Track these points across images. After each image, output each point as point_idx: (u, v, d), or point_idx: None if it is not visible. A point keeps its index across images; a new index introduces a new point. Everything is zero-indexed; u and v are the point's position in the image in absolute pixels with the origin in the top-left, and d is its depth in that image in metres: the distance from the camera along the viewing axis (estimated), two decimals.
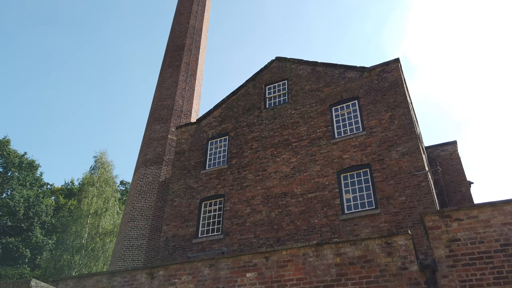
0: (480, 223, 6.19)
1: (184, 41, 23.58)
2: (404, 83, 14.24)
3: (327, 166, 13.55)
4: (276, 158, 14.78)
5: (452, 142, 17.82)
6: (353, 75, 15.08)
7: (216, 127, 17.19)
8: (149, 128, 20.14)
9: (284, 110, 15.86)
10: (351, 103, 14.61)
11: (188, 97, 21.50)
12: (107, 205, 30.56)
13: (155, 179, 17.98)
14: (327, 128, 14.40)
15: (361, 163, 13.01)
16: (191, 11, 25.26)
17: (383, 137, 13.13)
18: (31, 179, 35.24)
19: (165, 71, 22.38)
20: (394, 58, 14.50)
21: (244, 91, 17.59)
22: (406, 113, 13.22)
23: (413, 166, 12.11)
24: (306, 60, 16.64)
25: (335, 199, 12.75)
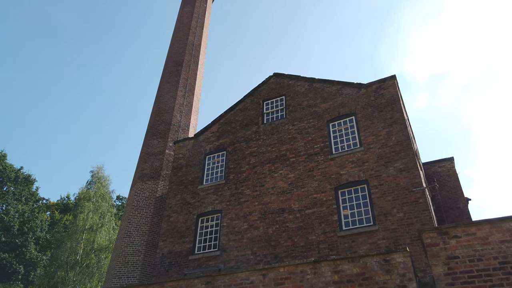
0: (478, 240, 6.16)
1: (183, 57, 23.80)
2: (400, 99, 14.36)
3: (324, 182, 13.53)
4: (274, 174, 14.76)
5: (449, 159, 17.88)
6: (350, 92, 15.20)
7: (214, 142, 17.21)
8: (147, 143, 20.13)
9: (282, 125, 15.92)
10: (348, 119, 14.69)
11: (186, 112, 21.57)
12: (103, 221, 30.24)
13: (152, 194, 17.87)
14: (325, 143, 14.43)
15: (359, 179, 13.00)
16: (190, 27, 25.58)
17: (380, 153, 13.16)
18: (27, 194, 34.95)
19: (164, 86, 22.51)
20: (391, 75, 14.65)
21: (242, 107, 17.68)
22: (403, 129, 13.29)
23: (410, 183, 12.10)
24: (303, 76, 16.80)
25: (332, 215, 12.69)
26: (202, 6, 27.58)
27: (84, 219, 29.27)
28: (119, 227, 18.58)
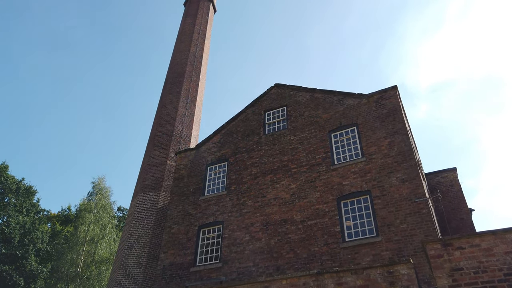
0: (483, 251, 6.09)
1: (184, 68, 23.94)
2: (402, 109, 14.36)
3: (327, 192, 13.46)
4: (276, 184, 14.70)
5: (452, 169, 17.79)
6: (352, 102, 15.22)
7: (216, 153, 17.19)
8: (148, 153, 20.13)
9: (284, 136, 15.91)
10: (350, 129, 14.67)
11: (188, 123, 21.61)
12: (103, 232, 30.10)
13: (153, 206, 17.79)
14: (327, 154, 14.40)
15: (361, 189, 12.93)
16: (191, 39, 25.78)
17: (382, 163, 13.11)
18: (28, 205, 34.86)
19: (166, 97, 22.60)
20: (392, 86, 14.68)
21: (244, 117, 17.70)
22: (405, 139, 13.26)
23: (413, 193, 12.03)
24: (304, 87, 16.85)
25: (335, 226, 12.58)
26: (204, 18, 27.84)
27: (85, 230, 29.15)
28: (120, 238, 18.48)
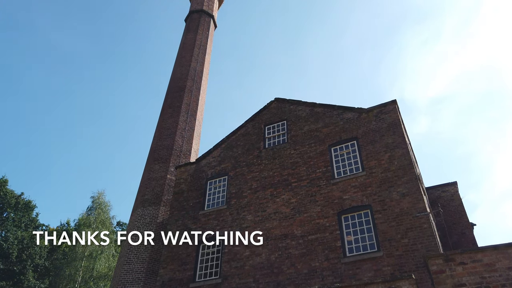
0: (485, 267, 6.03)
1: (185, 82, 24.12)
2: (402, 123, 14.41)
3: (327, 207, 13.40)
4: (276, 199, 14.64)
5: (452, 183, 17.74)
6: (351, 116, 15.28)
7: (216, 167, 17.17)
8: (148, 168, 20.11)
9: (284, 150, 15.92)
10: (350, 143, 14.69)
11: (188, 137, 21.65)
12: (102, 247, 29.83)
13: (152, 220, 17.68)
14: (327, 168, 14.38)
15: (362, 204, 12.87)
16: (192, 54, 26.04)
17: (383, 177, 13.08)
18: (27, 220, 34.64)
19: (166, 111, 22.71)
20: (391, 100, 14.76)
21: (244, 131, 17.75)
22: (405, 153, 13.26)
23: (414, 208, 11.96)
24: (304, 101, 16.94)
25: (336, 241, 12.48)
26: (205, 34, 28.18)
27: (84, 245, 28.88)
28: (119, 254, 18.29)
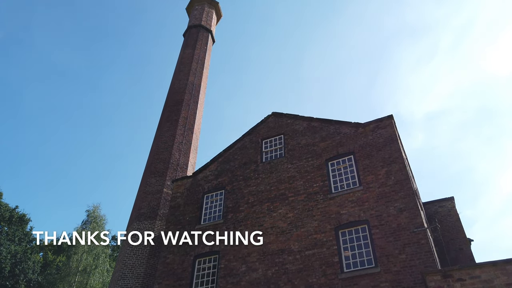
0: (483, 283, 5.99)
1: (183, 96, 24.21)
2: (398, 139, 14.47)
3: (324, 221, 13.32)
4: (273, 213, 14.55)
5: (449, 198, 17.73)
6: (348, 131, 15.33)
7: (212, 181, 17.10)
8: (145, 181, 20.01)
9: (281, 164, 15.90)
10: (347, 158, 14.71)
11: (185, 151, 21.62)
12: (97, 262, 29.44)
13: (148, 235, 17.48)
14: (324, 182, 14.35)
15: (359, 219, 12.81)
16: (190, 69, 26.22)
17: (380, 192, 13.06)
18: (20, 234, 34.20)
19: (163, 125, 22.73)
20: (388, 115, 14.84)
21: (241, 145, 17.75)
22: (402, 168, 13.28)
23: (411, 223, 11.92)
24: (301, 115, 17.01)
25: (333, 257, 12.37)
26: (203, 49, 28.44)
27: (78, 260, 28.50)
28: (114, 269, 18.05)
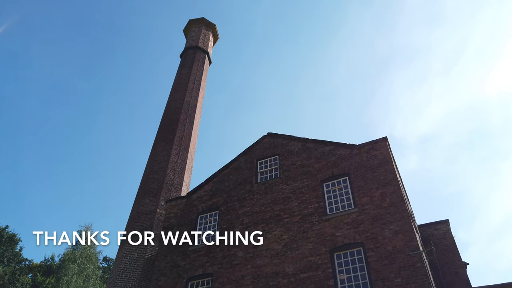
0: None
1: (178, 116, 24.26)
2: (393, 160, 14.52)
3: (319, 244, 13.17)
4: (267, 235, 14.38)
5: (444, 221, 17.65)
6: (343, 152, 15.37)
7: (207, 201, 16.95)
8: (138, 201, 19.79)
9: (276, 185, 15.84)
10: (342, 179, 14.68)
11: (180, 171, 21.50)
12: (87, 284, 28.75)
13: (140, 256, 17.17)
14: (319, 204, 14.28)
15: (354, 241, 12.69)
16: (186, 89, 26.39)
17: (375, 214, 12.99)
18: (10, 254, 33.48)
19: (158, 144, 22.67)
20: (382, 137, 14.94)
21: (236, 165, 17.70)
22: (396, 190, 13.26)
23: (407, 246, 11.82)
24: (297, 136, 17.07)
25: (328, 280, 12.17)
26: (199, 69, 28.73)
27: (68, 282, 27.81)
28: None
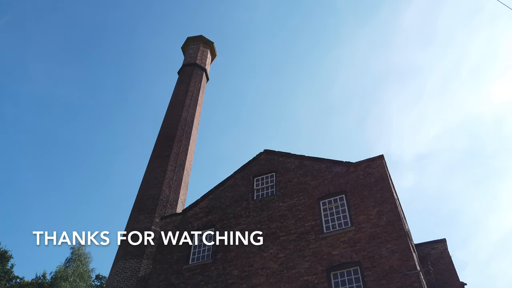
0: None
1: (175, 132, 24.25)
2: (389, 178, 14.49)
3: (316, 262, 13.00)
4: (263, 253, 14.20)
5: (441, 240, 17.52)
6: (340, 170, 15.35)
7: (202, 218, 16.77)
8: (133, 218, 19.55)
9: (272, 202, 15.73)
10: (339, 197, 14.62)
11: (175, 187, 21.34)
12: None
13: (133, 274, 16.85)
14: (316, 222, 14.16)
15: (351, 260, 12.54)
16: (184, 105, 26.46)
17: (372, 233, 12.89)
18: (1, 271, 32.80)
19: (154, 160, 22.56)
20: (379, 155, 14.95)
21: (232, 182, 17.60)
22: (393, 209, 13.20)
23: (404, 265, 11.69)
24: (293, 153, 17.06)
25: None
26: (197, 86, 28.88)
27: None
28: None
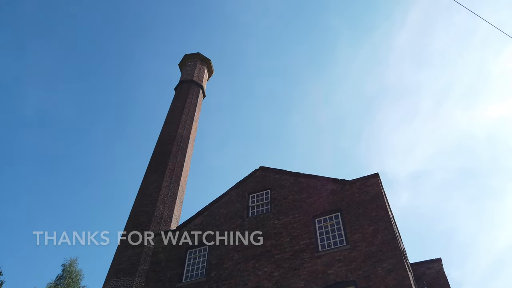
0: None
1: (171, 148, 24.22)
2: (384, 197, 14.50)
3: (311, 282, 12.85)
4: (258, 272, 14.02)
5: (436, 260, 17.45)
6: (335, 187, 15.34)
7: (197, 236, 16.59)
8: (126, 234, 19.31)
9: (267, 219, 15.63)
10: (334, 215, 14.56)
11: (170, 203, 21.19)
12: None
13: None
14: (311, 240, 14.06)
15: (347, 279, 12.40)
16: (180, 121, 26.53)
17: (367, 252, 12.80)
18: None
19: (150, 176, 22.46)
20: (374, 173, 14.98)
21: (227, 199, 17.51)
22: (388, 227, 13.16)
23: (400, 285, 11.58)
24: (289, 171, 17.06)
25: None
26: (193, 103, 29.03)
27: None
28: None
